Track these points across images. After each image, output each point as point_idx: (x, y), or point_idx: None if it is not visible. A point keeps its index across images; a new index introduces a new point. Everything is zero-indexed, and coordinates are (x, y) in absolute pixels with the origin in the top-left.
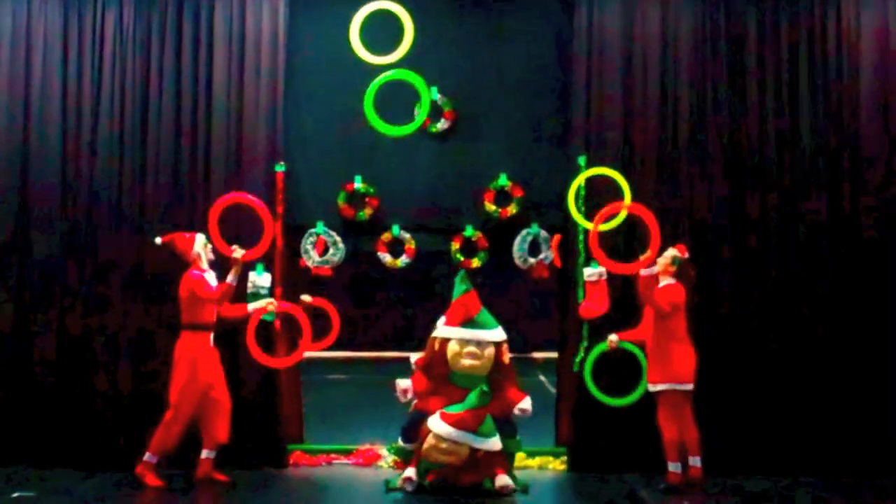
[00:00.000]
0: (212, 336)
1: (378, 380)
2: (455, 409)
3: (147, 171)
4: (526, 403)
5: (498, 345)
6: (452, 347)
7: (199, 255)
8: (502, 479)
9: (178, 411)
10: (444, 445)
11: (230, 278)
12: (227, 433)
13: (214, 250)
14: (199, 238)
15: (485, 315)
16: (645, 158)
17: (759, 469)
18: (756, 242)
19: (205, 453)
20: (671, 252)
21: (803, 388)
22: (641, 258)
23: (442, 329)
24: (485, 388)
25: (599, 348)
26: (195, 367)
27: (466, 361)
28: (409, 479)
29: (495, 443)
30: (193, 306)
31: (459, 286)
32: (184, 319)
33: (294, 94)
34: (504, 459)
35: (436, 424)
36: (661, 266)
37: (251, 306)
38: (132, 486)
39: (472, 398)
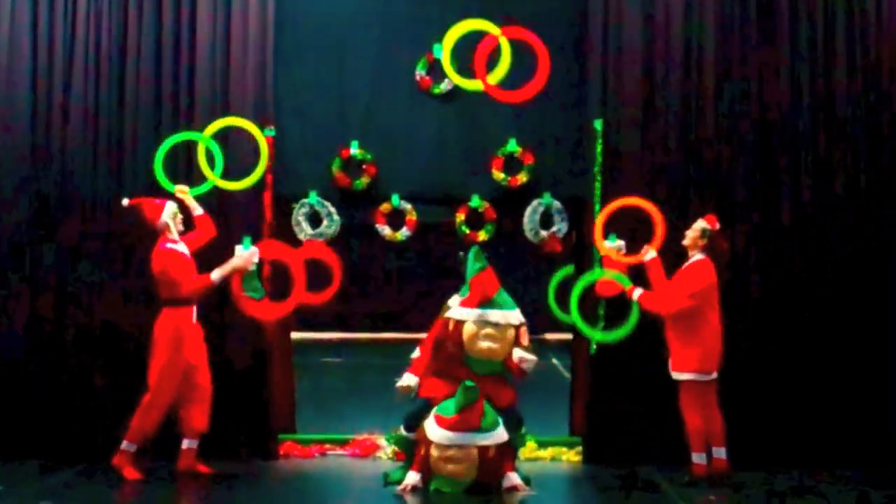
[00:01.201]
0: (194, 311)
1: (376, 363)
2: (448, 413)
3: (124, 138)
4: (528, 362)
5: (517, 327)
6: (469, 329)
7: (167, 225)
8: (510, 479)
9: (157, 395)
10: (450, 453)
11: (215, 276)
12: (206, 421)
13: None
14: (170, 206)
15: (503, 294)
16: (667, 122)
17: (788, 461)
18: (788, 217)
19: (185, 443)
20: (700, 224)
21: (837, 376)
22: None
23: (457, 311)
24: (468, 382)
25: (593, 275)
26: (176, 346)
27: (484, 344)
28: (413, 488)
29: (501, 434)
30: (170, 282)
31: (474, 264)
32: (163, 295)
33: (285, 51)
34: (512, 455)
35: (435, 433)
36: (690, 239)
37: (215, 274)
38: (107, 479)
39: (459, 398)
